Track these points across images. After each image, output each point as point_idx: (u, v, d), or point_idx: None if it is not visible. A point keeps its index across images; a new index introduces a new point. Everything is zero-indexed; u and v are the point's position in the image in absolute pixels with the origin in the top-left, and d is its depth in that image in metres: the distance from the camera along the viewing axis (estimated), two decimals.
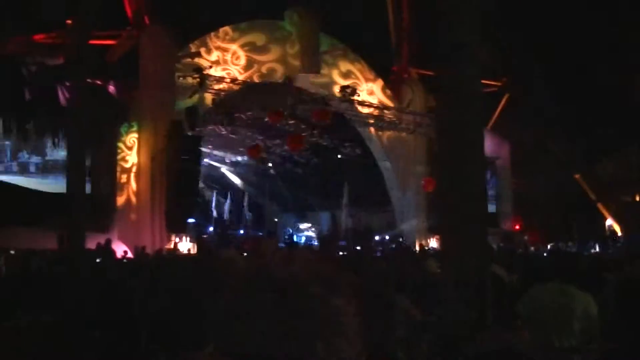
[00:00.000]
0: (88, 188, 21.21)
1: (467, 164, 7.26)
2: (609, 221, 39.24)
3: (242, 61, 29.86)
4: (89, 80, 17.07)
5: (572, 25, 34.68)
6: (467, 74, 7.42)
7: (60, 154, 25.16)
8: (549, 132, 37.67)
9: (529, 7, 32.65)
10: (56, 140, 20.69)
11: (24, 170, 26.48)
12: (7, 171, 25.91)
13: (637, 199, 40.20)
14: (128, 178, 26.59)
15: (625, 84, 40.33)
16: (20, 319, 3.17)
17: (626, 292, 1.54)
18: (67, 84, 17.30)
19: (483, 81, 10.13)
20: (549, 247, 27.43)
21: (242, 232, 31.74)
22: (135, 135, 26.48)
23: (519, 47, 34.29)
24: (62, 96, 19.97)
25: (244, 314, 1.43)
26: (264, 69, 30.44)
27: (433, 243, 29.15)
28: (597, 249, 28.18)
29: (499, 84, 35.36)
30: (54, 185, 24.92)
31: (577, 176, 38.72)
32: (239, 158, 31.96)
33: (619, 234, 37.41)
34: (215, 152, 32.60)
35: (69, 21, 16.53)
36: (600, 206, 39.40)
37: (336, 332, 1.43)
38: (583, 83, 37.79)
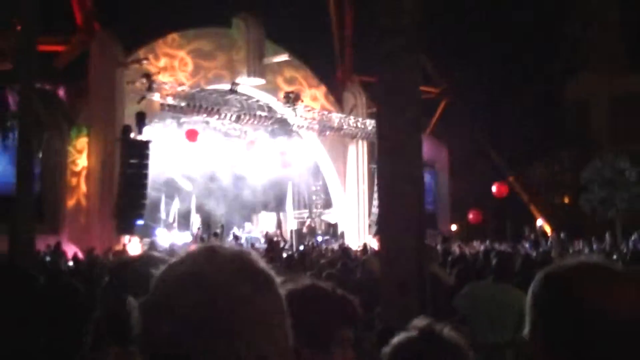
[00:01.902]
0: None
1: (406, 166, 7.32)
2: (540, 222, 39.86)
3: (190, 67, 29.79)
4: (38, 84, 16.90)
5: (505, 37, 35.30)
6: (406, 81, 7.49)
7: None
8: (484, 137, 38.22)
9: (465, 19, 33.13)
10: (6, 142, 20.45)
11: None
12: None
13: (566, 200, 40.91)
14: (78, 181, 26.46)
15: (554, 94, 41.23)
16: None
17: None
18: (16, 88, 17.09)
19: (421, 88, 10.27)
20: (483, 247, 27.71)
21: (187, 234, 31.64)
22: (85, 139, 26.37)
23: (455, 57, 34.72)
24: (12, 100, 19.79)
25: (168, 311, 1.38)
26: (210, 75, 30.39)
27: (374, 244, 29.35)
28: (529, 248, 28.56)
29: (436, 91, 35.76)
30: None
31: (510, 179, 39.26)
32: (187, 162, 31.87)
33: (549, 233, 38.00)
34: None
35: (18, 27, 16.32)
36: (531, 208, 40.02)
37: (260, 332, 1.39)
38: (515, 92, 38.52)
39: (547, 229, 39.00)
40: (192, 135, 29.73)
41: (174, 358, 1.35)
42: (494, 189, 34.82)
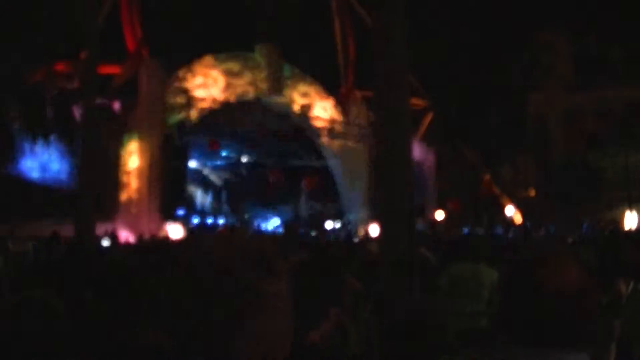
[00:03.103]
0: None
1: (399, 166, 7.27)
2: (510, 212, 39.86)
3: (221, 84, 29.89)
4: (97, 100, 17.10)
5: (476, 58, 35.45)
6: (398, 96, 7.53)
7: None
8: (463, 142, 38.32)
9: (445, 43, 33.27)
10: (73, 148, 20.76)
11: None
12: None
13: (532, 194, 40.94)
14: (129, 179, 26.62)
15: (518, 104, 41.36)
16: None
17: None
18: (81, 103, 17.29)
19: (411, 101, 10.34)
20: (463, 232, 27.73)
21: (221, 222, 31.74)
22: (135, 144, 26.54)
23: (437, 75, 34.83)
24: (77, 113, 20.01)
25: (181, 295, 1.35)
26: (238, 90, 30.51)
27: (373, 230, 29.46)
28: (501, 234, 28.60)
29: (424, 103, 35.82)
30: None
31: (486, 176, 39.34)
32: (219, 162, 32.03)
33: (518, 222, 38.05)
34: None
35: (82, 54, 16.52)
36: (504, 200, 40.04)
37: (263, 314, 1.34)
38: (487, 106, 38.66)
39: (517, 217, 39.05)
40: (213, 144, 29.93)
41: (191, 333, 1.32)
42: (303, 183, 34.86)
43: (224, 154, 33.44)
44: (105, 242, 18.99)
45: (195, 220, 30.02)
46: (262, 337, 1.34)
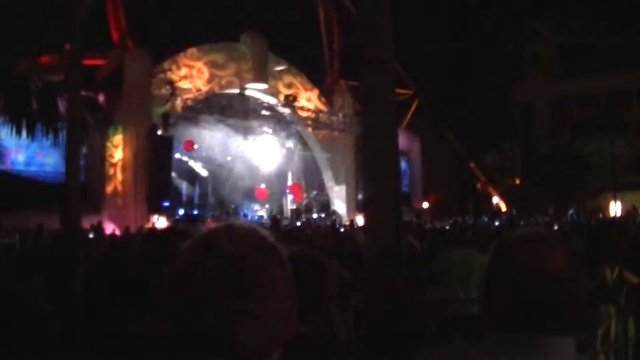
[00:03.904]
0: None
1: (385, 155, 7.14)
2: (496, 200, 40.11)
3: (206, 75, 29.84)
4: (82, 92, 16.99)
5: (461, 46, 35.57)
6: (384, 85, 7.52)
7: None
8: (449, 131, 38.47)
9: (430, 31, 33.35)
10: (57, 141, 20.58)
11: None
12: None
13: (517, 182, 41.19)
14: (115, 171, 26.54)
15: (504, 96, 41.60)
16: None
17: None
18: (66, 95, 17.16)
19: (397, 90, 10.35)
20: (450, 221, 27.89)
21: (208, 214, 31.68)
22: (120, 136, 26.44)
23: (422, 63, 34.91)
24: (62, 106, 19.85)
25: (184, 276, 1.38)
26: (223, 82, 30.45)
27: (360, 219, 29.54)
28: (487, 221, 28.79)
29: (409, 92, 35.91)
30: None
31: (472, 165, 39.52)
32: (204, 153, 31.94)
33: (503, 209, 38.30)
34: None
35: (67, 46, 16.40)
36: (489, 188, 40.27)
37: (270, 293, 1.37)
38: (473, 95, 38.81)
39: (502, 205, 39.29)
40: (188, 145, 29.95)
41: (195, 320, 1.34)
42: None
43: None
44: (91, 235, 18.90)
45: (181, 212, 29.92)
46: (267, 318, 1.36)
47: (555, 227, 18.24)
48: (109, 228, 22.63)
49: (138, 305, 2.75)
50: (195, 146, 30.48)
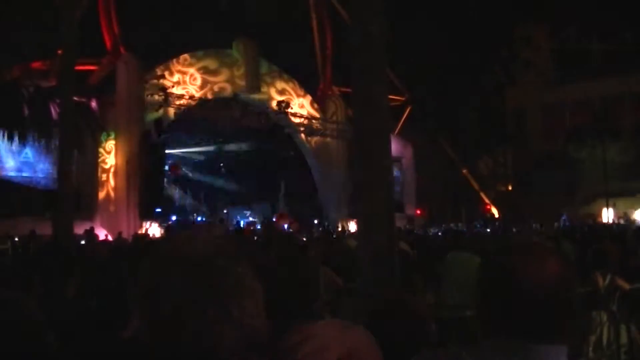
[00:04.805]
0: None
1: (378, 162, 7.20)
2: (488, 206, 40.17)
3: (198, 82, 29.84)
4: (75, 98, 16.98)
5: (455, 52, 35.61)
6: (376, 91, 7.51)
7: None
8: (441, 137, 38.52)
9: (423, 38, 33.38)
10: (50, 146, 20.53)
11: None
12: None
13: (509, 188, 41.23)
14: (107, 177, 26.51)
15: (497, 103, 41.69)
16: None
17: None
18: (58, 101, 17.16)
19: (389, 97, 10.34)
20: (443, 227, 27.92)
21: (199, 219, 31.67)
22: (113, 142, 26.42)
23: (415, 70, 34.96)
24: (54, 111, 19.84)
25: (157, 287, 1.36)
26: (215, 88, 30.44)
27: (352, 226, 29.54)
28: (480, 228, 28.85)
29: (402, 99, 35.97)
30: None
31: (464, 171, 39.56)
32: (196, 160, 31.97)
33: (496, 216, 38.36)
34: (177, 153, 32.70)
35: (59, 51, 16.40)
36: (481, 194, 40.30)
37: (244, 294, 1.38)
38: (465, 101, 38.90)
39: (495, 212, 39.36)
40: (174, 169, 30.03)
41: (175, 327, 1.33)
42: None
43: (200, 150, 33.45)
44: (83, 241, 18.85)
45: (173, 218, 29.92)
46: (246, 320, 1.36)
47: (548, 234, 18.24)
48: (102, 234, 22.56)
49: (131, 311, 2.70)
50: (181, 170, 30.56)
